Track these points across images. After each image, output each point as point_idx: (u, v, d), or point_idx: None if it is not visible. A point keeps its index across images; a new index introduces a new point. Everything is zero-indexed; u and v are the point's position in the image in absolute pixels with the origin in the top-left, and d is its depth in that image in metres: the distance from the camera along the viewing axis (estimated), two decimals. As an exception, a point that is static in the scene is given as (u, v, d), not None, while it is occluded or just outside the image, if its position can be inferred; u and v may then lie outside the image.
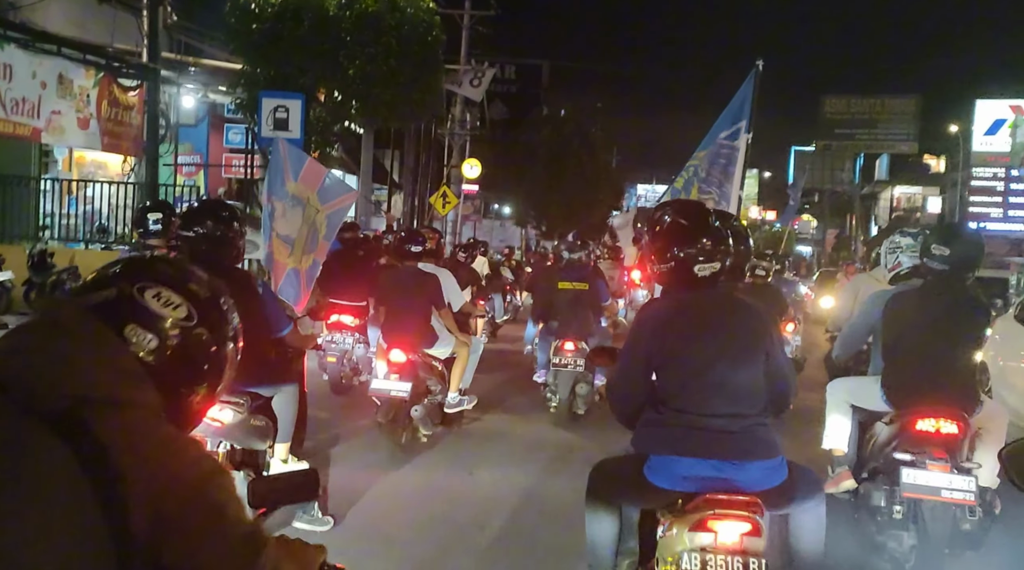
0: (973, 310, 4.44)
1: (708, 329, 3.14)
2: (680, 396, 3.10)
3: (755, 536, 2.91)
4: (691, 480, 3.03)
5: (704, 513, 2.94)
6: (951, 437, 4.18)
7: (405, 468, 6.27)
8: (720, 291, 3.26)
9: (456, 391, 7.12)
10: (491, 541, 4.94)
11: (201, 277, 1.57)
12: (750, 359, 3.12)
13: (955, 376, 4.32)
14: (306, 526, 4.72)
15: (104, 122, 12.43)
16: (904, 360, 4.39)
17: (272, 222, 7.17)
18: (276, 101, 11.93)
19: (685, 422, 3.08)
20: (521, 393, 9.09)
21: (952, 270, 4.42)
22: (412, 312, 6.81)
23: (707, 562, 2.89)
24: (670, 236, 3.22)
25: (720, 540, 2.91)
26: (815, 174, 50.74)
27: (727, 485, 3.00)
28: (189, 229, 4.29)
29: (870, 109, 47.12)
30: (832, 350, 5.77)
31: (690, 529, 2.94)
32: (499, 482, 6.06)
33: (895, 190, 48.22)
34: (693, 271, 3.16)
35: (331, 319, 8.40)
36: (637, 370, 3.19)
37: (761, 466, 3.06)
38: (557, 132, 32.21)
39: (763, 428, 3.13)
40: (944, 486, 4.07)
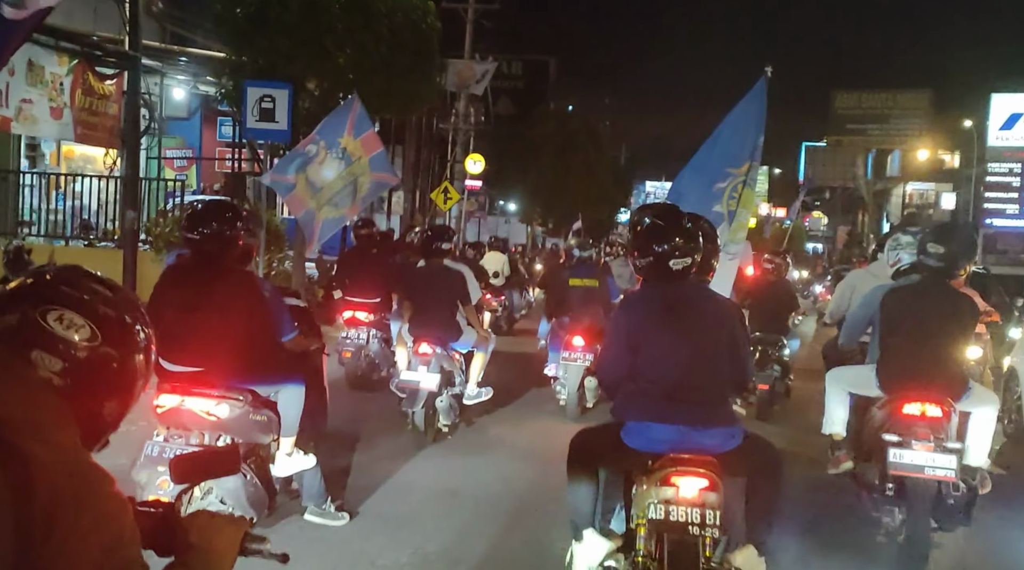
0: (963, 305, 4.83)
1: (678, 315, 3.65)
2: (653, 370, 3.63)
3: (712, 491, 3.39)
4: (661, 443, 3.55)
5: (667, 470, 3.44)
6: (935, 420, 4.63)
7: (426, 457, 6.65)
8: (691, 283, 3.78)
9: (475, 383, 7.45)
10: (504, 527, 5.27)
11: (106, 294, 1.60)
12: (713, 341, 3.64)
13: (942, 365, 4.73)
14: (318, 520, 4.88)
15: (78, 112, 11.80)
16: (896, 349, 4.81)
17: (307, 163, 7.65)
18: (262, 91, 11.31)
19: (657, 392, 3.59)
20: (534, 386, 9.49)
21: (946, 267, 4.82)
22: (439, 307, 7.13)
23: (670, 512, 3.38)
24: (649, 234, 3.72)
25: (681, 494, 3.39)
26: (826, 170, 49.94)
27: (692, 447, 3.51)
28: (193, 231, 4.33)
29: (882, 104, 46.65)
30: (828, 342, 6.76)
31: (657, 484, 3.43)
32: (513, 470, 6.46)
33: (907, 186, 47.32)
34: (668, 265, 3.67)
35: (346, 315, 8.75)
36: (619, 348, 3.73)
37: (720, 432, 3.59)
38: (563, 127, 31.36)
39: (724, 400, 3.70)
40: (927, 464, 4.50)
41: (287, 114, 11.35)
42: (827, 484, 5.76)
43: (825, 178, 50.23)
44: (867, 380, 5.01)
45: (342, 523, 4.94)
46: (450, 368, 7.09)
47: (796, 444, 7.40)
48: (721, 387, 3.71)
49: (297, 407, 4.62)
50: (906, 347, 4.78)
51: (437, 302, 7.14)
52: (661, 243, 3.69)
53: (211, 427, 4.23)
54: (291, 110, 11.21)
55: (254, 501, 4.34)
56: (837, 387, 5.33)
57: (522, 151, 31.32)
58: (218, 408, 4.21)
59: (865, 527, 5.14)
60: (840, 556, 5.05)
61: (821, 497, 5.94)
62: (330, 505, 4.96)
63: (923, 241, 4.98)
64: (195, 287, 4.32)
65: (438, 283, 7.21)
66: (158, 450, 4.08)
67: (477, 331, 7.45)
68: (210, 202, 5.09)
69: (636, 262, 3.82)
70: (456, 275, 7.28)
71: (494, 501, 5.71)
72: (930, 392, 4.69)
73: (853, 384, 5.22)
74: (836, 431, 5.34)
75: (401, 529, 5.10)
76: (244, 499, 4.26)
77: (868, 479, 4.92)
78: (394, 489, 5.80)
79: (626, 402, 3.74)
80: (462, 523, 5.27)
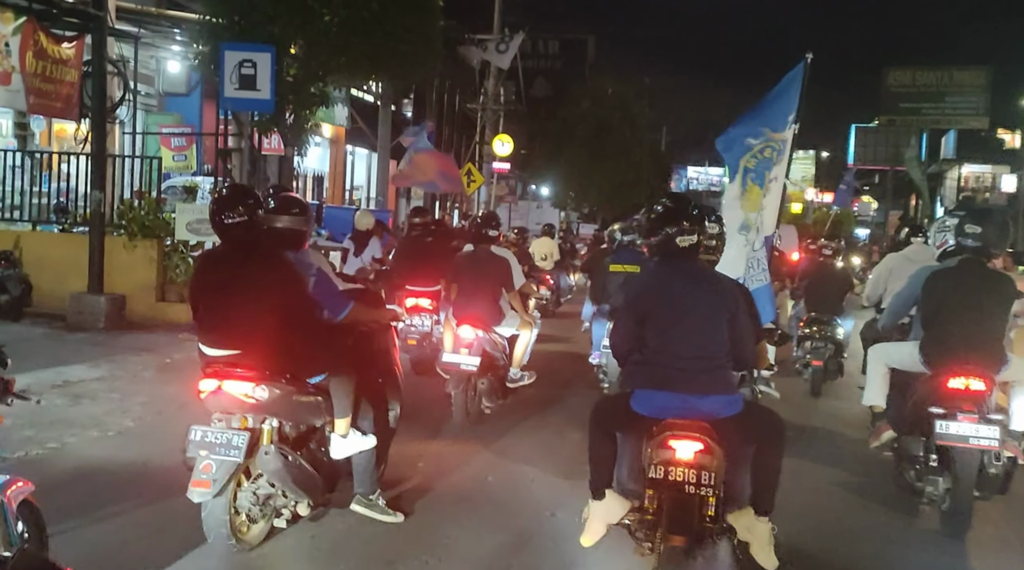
0: (1001, 283, 5.19)
1: (682, 291, 4.01)
2: (658, 342, 3.99)
3: (707, 454, 3.75)
4: (665, 409, 3.91)
5: (665, 434, 3.81)
6: (978, 393, 4.98)
7: (468, 437, 6.96)
8: (696, 263, 4.16)
9: (518, 367, 7.65)
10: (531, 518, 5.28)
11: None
12: (714, 317, 3.98)
13: (983, 341, 5.08)
14: (364, 511, 4.85)
15: (30, 78, 10.48)
16: (939, 328, 5.16)
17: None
18: (241, 54, 10.04)
19: (661, 362, 3.97)
20: (578, 369, 9.55)
21: (983, 247, 5.18)
22: (483, 292, 7.36)
23: (669, 472, 3.73)
24: (659, 216, 4.13)
25: (678, 455, 3.74)
26: (877, 152, 47.52)
27: (693, 413, 3.87)
28: (220, 217, 4.35)
29: (937, 81, 44.71)
30: (866, 323, 7.68)
31: (657, 447, 3.79)
32: (550, 455, 6.56)
33: (963, 169, 44.86)
34: (675, 242, 4.05)
35: (409, 303, 9.09)
36: (628, 322, 4.11)
37: (718, 399, 3.92)
38: (598, 106, 29.58)
39: (723, 370, 4.00)
40: (972, 434, 4.84)
41: (270, 81, 9.99)
42: (871, 457, 6.13)
43: (876, 160, 47.68)
44: (910, 357, 5.36)
45: (393, 521, 4.89)
46: (492, 351, 7.30)
47: (844, 419, 7.99)
48: (720, 358, 3.98)
49: (346, 390, 4.60)
50: (949, 326, 5.12)
51: (481, 287, 7.36)
52: (669, 223, 4.05)
53: (253, 409, 4.25)
54: (275, 76, 9.58)
55: (303, 483, 4.38)
56: (879, 362, 5.69)
57: (555, 133, 29.56)
58: (257, 391, 4.23)
59: (909, 498, 5.50)
60: (885, 522, 5.47)
61: (865, 468, 6.37)
62: (379, 498, 4.90)
63: (961, 223, 5.28)
64: (229, 271, 4.35)
65: (484, 268, 7.45)
66: (200, 435, 4.13)
67: (521, 316, 7.65)
68: (234, 187, 5.31)
69: (649, 241, 4.20)
70: (501, 261, 7.49)
71: (524, 488, 5.85)
72: (973, 367, 5.02)
73: (896, 360, 5.56)
74: (876, 403, 5.72)
75: (441, 501, 5.39)
76: (291, 482, 4.30)
77: (912, 451, 5.30)
78: (435, 466, 6.13)
79: (634, 371, 4.09)
80: (501, 495, 5.62)
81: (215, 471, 4.04)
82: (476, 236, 7.83)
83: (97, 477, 5.56)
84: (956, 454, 4.92)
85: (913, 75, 44.79)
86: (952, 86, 43.94)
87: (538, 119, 32.39)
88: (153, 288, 11.50)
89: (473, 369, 7.00)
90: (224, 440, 4.09)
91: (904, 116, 44.72)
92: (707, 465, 3.72)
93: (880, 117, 46.34)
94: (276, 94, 10.21)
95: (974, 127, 43.08)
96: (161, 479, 5.20)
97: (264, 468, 4.26)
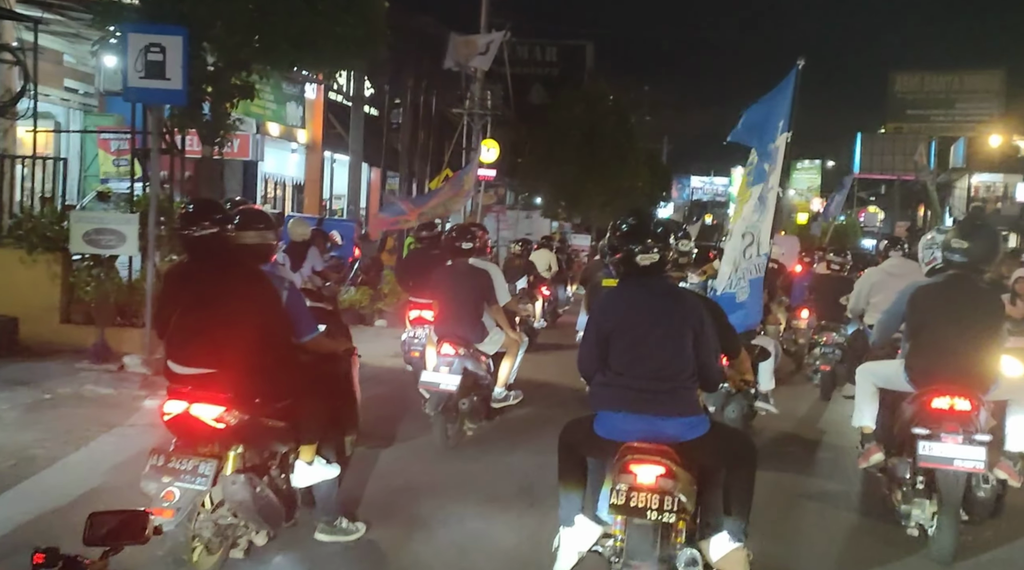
0: (988, 300, 5.12)
1: (645, 310, 4.00)
2: (621, 361, 3.96)
3: (670, 478, 3.66)
4: (627, 432, 3.87)
5: (626, 458, 3.74)
6: (964, 413, 4.88)
7: (449, 461, 6.74)
8: (661, 281, 4.10)
9: (503, 386, 7.45)
10: (525, 537, 5.18)
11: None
12: (676, 336, 3.92)
13: (969, 359, 4.97)
14: (329, 538, 4.80)
15: None
16: (924, 345, 5.12)
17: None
18: (148, 38, 8.71)
19: (623, 383, 3.92)
20: (571, 382, 9.09)
21: (970, 263, 5.09)
22: (464, 307, 7.20)
23: (630, 498, 3.63)
24: (622, 234, 4.07)
25: (639, 480, 3.66)
26: (884, 161, 46.04)
27: (656, 436, 3.82)
28: (186, 230, 4.26)
29: (947, 86, 44.10)
30: (851, 334, 8.52)
31: (619, 472, 3.73)
32: (535, 476, 6.20)
33: (973, 178, 44.47)
34: (635, 261, 4.02)
35: (413, 315, 9.08)
36: (592, 339, 4.06)
37: (682, 422, 3.87)
38: (591, 110, 28.10)
39: (687, 391, 3.94)
40: (957, 456, 4.73)
41: (182, 68, 8.63)
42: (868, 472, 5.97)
43: (883, 169, 46.14)
44: (897, 375, 5.31)
45: (358, 535, 4.88)
46: (475, 370, 7.14)
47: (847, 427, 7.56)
48: (684, 379, 3.93)
49: (316, 414, 4.54)
50: (934, 343, 5.07)
51: (461, 302, 7.22)
52: (631, 241, 4.01)
53: (221, 435, 4.07)
54: (187, 63, 8.54)
55: (267, 514, 4.22)
56: (867, 382, 5.62)
57: (545, 139, 28.07)
58: (228, 415, 4.05)
59: (897, 522, 5.29)
60: (872, 547, 5.33)
61: (865, 486, 6.27)
62: (342, 520, 4.85)
63: (947, 238, 5.27)
64: (203, 285, 4.21)
65: (463, 283, 7.27)
66: (163, 460, 3.93)
67: (506, 333, 7.45)
68: (201, 200, 5.06)
69: (613, 259, 4.15)
70: (481, 274, 7.31)
71: (517, 504, 5.75)
72: (958, 386, 4.96)
73: (883, 379, 5.51)
74: (866, 424, 5.58)
75: (413, 529, 5.20)
76: (255, 513, 4.14)
77: (899, 473, 5.19)
78: (412, 492, 5.89)
79: (597, 393, 4.05)
80: (482, 526, 5.34)
81: (178, 499, 3.85)
82: (451, 250, 7.62)
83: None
84: (940, 476, 4.86)
85: (921, 79, 44.17)
86: (963, 91, 43.40)
87: (529, 125, 30.91)
88: (56, 308, 10.01)
89: (453, 389, 6.82)
90: (190, 467, 3.91)
91: (912, 123, 43.49)
92: (670, 490, 3.65)
93: (887, 124, 45.05)
94: (190, 84, 8.65)
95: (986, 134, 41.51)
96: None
97: (230, 498, 4.10)
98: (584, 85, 34.77)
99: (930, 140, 44.79)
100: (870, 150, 49.96)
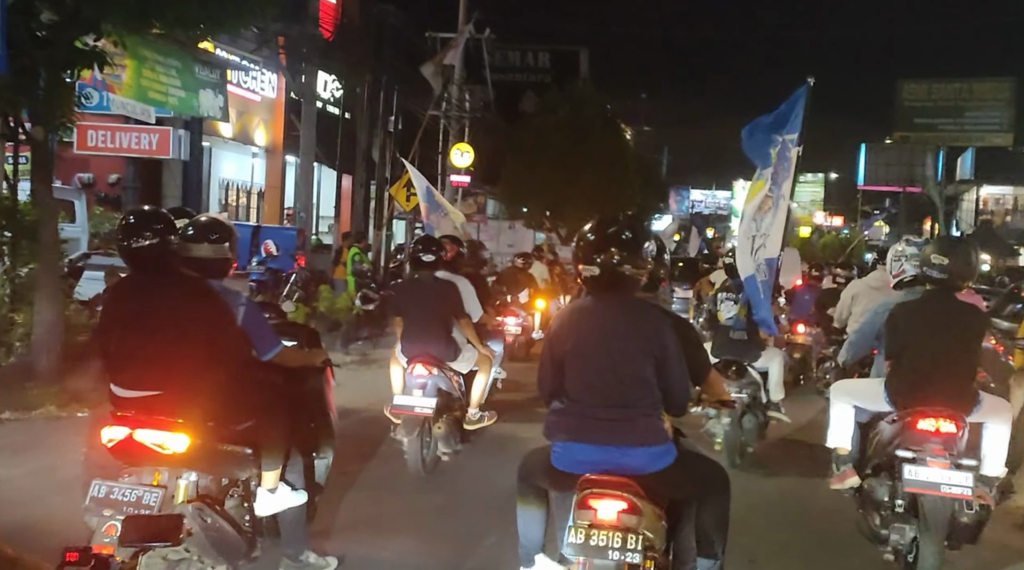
0: (970, 317, 5.08)
1: (604, 330, 3.65)
2: (576, 387, 3.65)
3: (633, 514, 3.37)
4: (585, 464, 3.56)
5: (584, 492, 3.45)
6: (949, 435, 4.81)
7: (425, 489, 6.47)
8: (624, 297, 3.71)
9: (476, 407, 7.16)
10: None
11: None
12: (637, 359, 3.58)
13: (953, 379, 4.94)
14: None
15: None
16: (906, 364, 5.02)
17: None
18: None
19: (579, 411, 3.62)
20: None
21: (950, 279, 5.01)
22: (432, 324, 6.85)
23: (590, 536, 3.34)
24: (589, 244, 3.66)
25: (599, 517, 3.39)
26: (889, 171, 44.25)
27: (616, 468, 3.51)
28: (127, 242, 3.99)
29: (955, 95, 43.36)
30: (834, 348, 8.09)
31: (577, 507, 3.46)
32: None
33: (982, 190, 42.05)
34: (583, 274, 3.70)
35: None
36: (548, 362, 3.76)
37: (646, 452, 3.55)
38: (577, 113, 26.15)
39: (648, 419, 3.62)
40: (944, 481, 4.63)
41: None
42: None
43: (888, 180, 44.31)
44: (874, 393, 5.23)
45: (332, 568, 4.64)
46: (448, 390, 6.79)
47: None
48: (647, 405, 3.62)
49: (278, 437, 4.30)
50: (915, 362, 4.98)
51: (427, 318, 6.83)
52: (597, 250, 3.63)
53: (169, 462, 3.86)
54: (5, 24, 6.72)
55: (223, 548, 3.98)
56: (842, 400, 5.45)
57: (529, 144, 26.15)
58: (174, 440, 3.82)
59: (872, 547, 5.20)
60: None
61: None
62: (310, 554, 4.59)
63: (925, 253, 5.19)
64: (147, 301, 3.99)
65: (427, 297, 6.89)
66: (105, 491, 3.73)
67: (478, 349, 7.14)
68: (144, 210, 4.37)
69: (577, 271, 3.82)
70: (448, 287, 6.94)
71: (499, 535, 5.30)
72: (942, 406, 4.86)
73: (860, 398, 5.39)
74: (841, 445, 5.40)
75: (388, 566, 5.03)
76: (209, 546, 3.91)
77: (877, 496, 5.07)
78: (388, 523, 5.65)
79: (552, 421, 3.76)
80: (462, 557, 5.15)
81: (118, 534, 3.64)
82: (413, 262, 7.35)
83: None
84: (926, 502, 4.71)
85: (929, 88, 42.99)
86: (972, 100, 42.62)
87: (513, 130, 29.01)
88: None
89: (429, 412, 6.48)
90: (132, 498, 3.68)
91: (919, 132, 42.29)
92: (633, 527, 3.35)
93: (894, 134, 43.44)
94: (12, 47, 7.02)
95: (996, 144, 39.77)
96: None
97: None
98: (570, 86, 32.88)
99: (938, 150, 43.13)
100: (874, 161, 48.44)
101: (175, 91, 13.00)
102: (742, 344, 7.20)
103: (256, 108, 22.23)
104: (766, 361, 7.36)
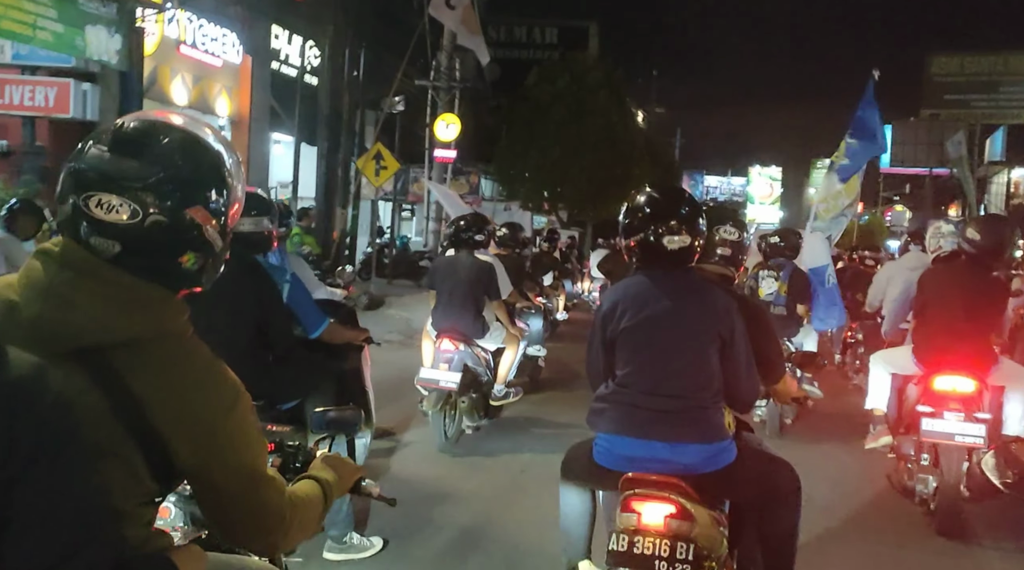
0: (992, 285, 5.46)
1: (660, 308, 3.37)
2: (626, 372, 3.39)
3: (683, 519, 3.06)
4: (631, 460, 3.29)
5: (626, 493, 3.19)
6: (966, 394, 5.29)
7: (448, 461, 6.74)
8: (687, 275, 3.47)
9: (502, 383, 7.47)
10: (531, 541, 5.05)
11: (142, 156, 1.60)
12: (699, 343, 3.32)
13: (971, 341, 5.32)
14: (339, 557, 4.56)
15: None
16: (929, 327, 5.52)
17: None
18: None
19: (627, 399, 3.36)
20: (579, 379, 8.93)
21: (981, 253, 5.37)
22: (463, 301, 7.05)
23: (634, 543, 3.03)
24: (641, 212, 3.41)
25: (644, 521, 3.10)
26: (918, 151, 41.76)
27: (664, 466, 3.23)
28: None
29: (990, 69, 41.52)
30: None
31: (619, 511, 3.20)
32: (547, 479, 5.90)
33: (1013, 173, 42.24)
34: (662, 244, 3.32)
35: None
36: (596, 342, 3.52)
37: (700, 449, 3.27)
38: (578, 83, 23.87)
39: (705, 411, 3.33)
40: (957, 432, 5.13)
41: None
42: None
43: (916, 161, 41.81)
44: (907, 360, 5.73)
45: (373, 552, 4.66)
46: (475, 367, 7.05)
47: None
48: (705, 397, 3.32)
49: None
50: (937, 325, 5.42)
51: (461, 296, 7.04)
52: (655, 220, 3.33)
53: None
54: None
55: None
56: (880, 367, 6.03)
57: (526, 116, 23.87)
58: None
59: (902, 498, 5.78)
60: (876, 523, 5.72)
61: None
62: (353, 535, 4.64)
63: (963, 229, 5.65)
64: None
65: (463, 275, 7.09)
66: None
67: (507, 328, 7.44)
68: None
69: (627, 243, 3.48)
70: (485, 268, 7.18)
71: (521, 508, 5.65)
72: (960, 367, 5.33)
73: (895, 364, 5.89)
74: (877, 406, 6.06)
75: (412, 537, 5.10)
76: None
77: (904, 450, 5.65)
78: (411, 495, 5.52)
79: (595, 410, 3.47)
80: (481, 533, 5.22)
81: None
82: (457, 240, 7.38)
83: None
84: (941, 451, 5.30)
85: (961, 62, 41.47)
86: (1008, 73, 40.89)
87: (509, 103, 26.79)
88: None
89: (454, 387, 6.68)
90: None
91: (950, 110, 40.92)
92: (683, 534, 3.03)
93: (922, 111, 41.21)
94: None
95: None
96: None
97: None
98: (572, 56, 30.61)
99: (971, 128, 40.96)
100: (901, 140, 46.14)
101: (47, 23, 10.13)
102: (781, 320, 7.51)
103: (217, 74, 20.25)
104: (803, 337, 7.88)
